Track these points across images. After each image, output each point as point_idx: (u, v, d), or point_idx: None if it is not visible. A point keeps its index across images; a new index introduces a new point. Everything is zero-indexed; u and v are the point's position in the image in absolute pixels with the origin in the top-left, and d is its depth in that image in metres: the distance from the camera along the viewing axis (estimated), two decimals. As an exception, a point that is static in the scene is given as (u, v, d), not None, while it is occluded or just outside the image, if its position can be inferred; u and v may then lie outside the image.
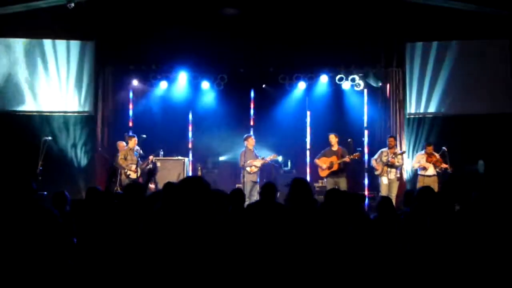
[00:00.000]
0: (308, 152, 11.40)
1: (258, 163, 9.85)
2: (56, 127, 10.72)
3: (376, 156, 10.02)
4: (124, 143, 10.10)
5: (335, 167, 9.69)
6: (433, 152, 9.75)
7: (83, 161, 10.90)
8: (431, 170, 9.72)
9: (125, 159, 9.63)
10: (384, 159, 9.79)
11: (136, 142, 9.83)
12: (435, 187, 9.13)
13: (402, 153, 9.99)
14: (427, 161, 9.73)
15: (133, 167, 9.53)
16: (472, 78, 10.69)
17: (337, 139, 9.83)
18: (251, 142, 9.99)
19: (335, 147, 9.83)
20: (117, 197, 4.82)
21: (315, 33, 10.40)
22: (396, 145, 10.06)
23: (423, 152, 9.93)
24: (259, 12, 10.50)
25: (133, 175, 9.53)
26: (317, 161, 9.95)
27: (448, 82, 10.76)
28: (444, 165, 9.54)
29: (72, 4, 9.97)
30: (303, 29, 10.39)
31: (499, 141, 10.20)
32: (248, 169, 9.75)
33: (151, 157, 9.82)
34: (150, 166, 9.65)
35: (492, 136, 10.30)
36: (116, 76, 11.09)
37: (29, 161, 9.48)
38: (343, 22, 10.43)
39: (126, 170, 9.56)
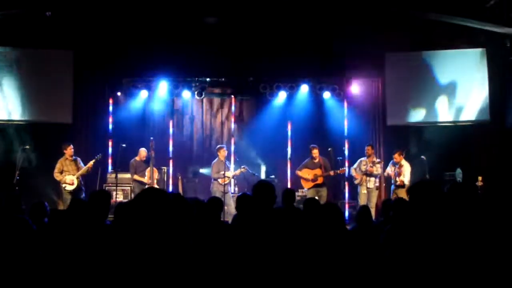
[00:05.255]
0: (289, 162, 11.40)
1: (230, 174, 9.94)
2: (34, 138, 10.44)
3: (355, 165, 10.07)
4: (144, 150, 9.95)
5: (319, 180, 9.78)
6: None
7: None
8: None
9: (61, 172, 9.31)
10: (363, 168, 9.83)
11: (72, 150, 9.45)
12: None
13: (379, 162, 9.93)
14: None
15: (69, 178, 9.25)
16: (450, 86, 10.80)
17: (318, 151, 9.91)
18: (222, 153, 10.02)
19: (317, 159, 9.89)
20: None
21: (295, 42, 10.47)
22: (375, 154, 10.10)
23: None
24: (239, 21, 10.53)
25: (69, 187, 9.24)
26: (299, 172, 10.00)
27: (426, 91, 10.83)
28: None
29: (50, 13, 9.87)
30: (283, 38, 10.45)
31: (478, 149, 10.32)
32: (219, 180, 9.78)
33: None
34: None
35: (471, 144, 10.42)
36: (96, 85, 10.98)
37: (6, 172, 9.34)
38: (323, 32, 10.52)
39: (62, 183, 9.29)
